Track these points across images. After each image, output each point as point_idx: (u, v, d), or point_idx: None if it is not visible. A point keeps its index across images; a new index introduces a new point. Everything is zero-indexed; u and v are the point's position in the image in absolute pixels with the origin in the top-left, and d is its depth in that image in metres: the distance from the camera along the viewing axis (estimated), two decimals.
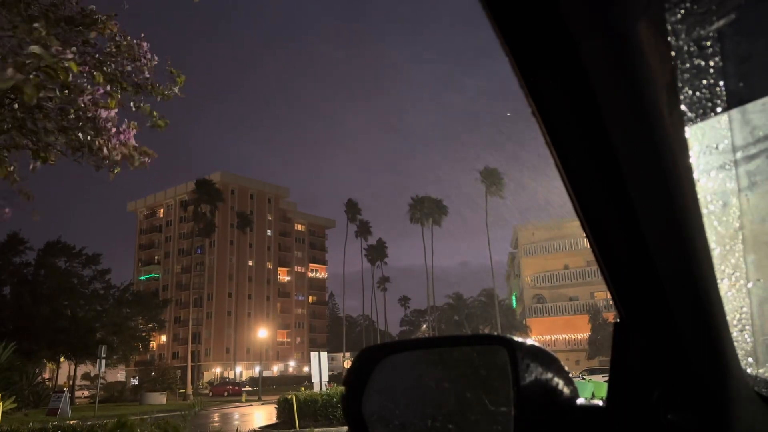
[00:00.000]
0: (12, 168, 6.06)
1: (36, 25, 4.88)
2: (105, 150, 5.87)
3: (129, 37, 5.91)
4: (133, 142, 6.09)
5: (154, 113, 6.35)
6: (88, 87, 5.60)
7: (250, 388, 67.42)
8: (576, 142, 0.61)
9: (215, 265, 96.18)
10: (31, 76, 4.63)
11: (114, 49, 5.88)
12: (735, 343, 0.77)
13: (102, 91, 5.67)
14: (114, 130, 5.88)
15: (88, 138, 5.73)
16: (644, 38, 0.55)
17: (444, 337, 1.11)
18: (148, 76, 6.05)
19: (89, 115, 5.69)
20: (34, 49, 4.64)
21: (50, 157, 5.79)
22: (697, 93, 0.74)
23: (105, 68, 5.77)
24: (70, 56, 5.03)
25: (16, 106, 5.27)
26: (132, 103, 6.20)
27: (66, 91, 5.45)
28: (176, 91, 6.30)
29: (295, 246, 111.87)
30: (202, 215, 74.26)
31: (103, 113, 5.71)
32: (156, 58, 6.10)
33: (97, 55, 5.78)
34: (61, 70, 4.84)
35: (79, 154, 5.96)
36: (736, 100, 0.79)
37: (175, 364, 78.44)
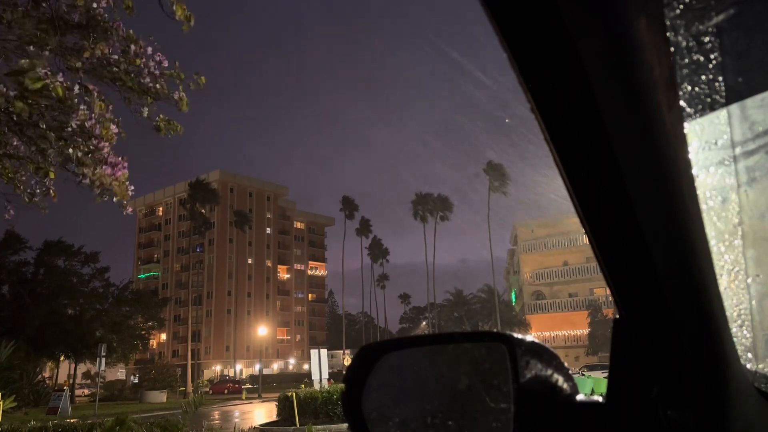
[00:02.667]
0: (13, 175, 6.08)
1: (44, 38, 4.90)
2: (91, 174, 5.86)
3: (135, 37, 5.83)
4: (125, 178, 6.08)
5: (161, 118, 6.30)
6: (85, 111, 5.57)
7: (250, 386, 67.50)
8: (575, 139, 0.61)
9: (215, 264, 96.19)
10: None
11: (122, 52, 5.83)
12: (734, 339, 0.77)
13: (93, 120, 5.64)
14: (106, 149, 5.87)
15: (79, 154, 5.73)
16: (643, 34, 0.55)
17: (443, 334, 1.11)
18: (158, 72, 5.97)
19: (85, 131, 5.68)
20: (24, 63, 4.65)
21: (50, 174, 5.81)
22: (696, 89, 0.74)
23: (114, 68, 5.71)
24: (60, 79, 5.04)
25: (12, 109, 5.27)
26: (144, 109, 6.14)
27: (62, 106, 5.44)
28: (185, 99, 6.23)
29: (295, 244, 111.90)
30: (199, 214, 74.34)
31: (97, 130, 5.69)
32: (165, 59, 6.02)
33: (105, 63, 5.73)
34: (54, 90, 4.86)
35: (72, 166, 5.96)
36: (735, 95, 0.79)
37: (175, 363, 78.54)
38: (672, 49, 0.65)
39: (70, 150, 5.67)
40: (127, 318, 53.20)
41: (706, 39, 0.73)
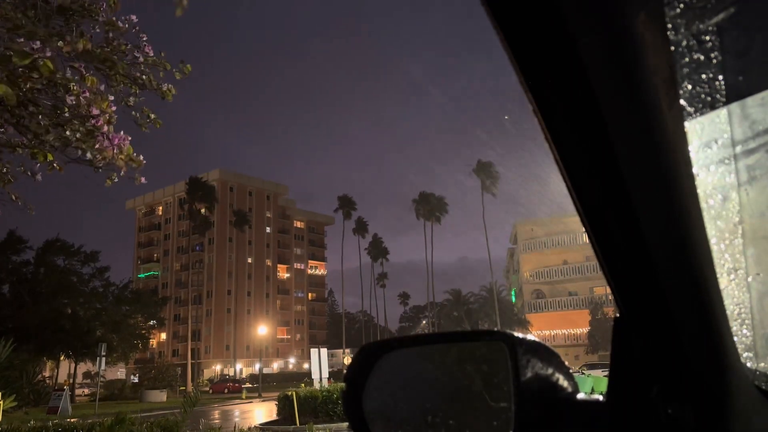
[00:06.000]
0: (6, 170, 6.05)
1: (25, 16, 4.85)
2: (89, 154, 5.82)
3: (119, 22, 5.77)
4: (127, 148, 6.02)
5: (146, 110, 6.26)
6: (75, 87, 5.53)
7: (250, 385, 67.56)
8: (575, 138, 0.61)
9: (214, 263, 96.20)
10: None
11: (105, 40, 5.77)
12: (734, 338, 0.77)
13: (88, 93, 5.60)
14: (106, 128, 5.82)
15: (77, 136, 5.68)
16: (643, 33, 0.55)
17: (444, 333, 1.11)
18: (141, 60, 5.92)
19: (82, 113, 5.64)
20: (13, 46, 4.62)
21: (49, 156, 5.75)
22: (697, 87, 0.74)
23: (97, 50, 5.65)
24: (48, 54, 4.99)
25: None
26: (130, 98, 6.09)
27: (54, 89, 5.40)
28: (171, 91, 6.18)
29: (294, 243, 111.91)
30: (197, 213, 74.39)
31: (94, 110, 5.65)
32: (150, 49, 5.96)
33: (91, 48, 5.67)
34: (43, 66, 4.81)
35: (71, 151, 5.92)
36: (735, 94, 0.79)
37: (175, 362, 78.63)
38: (672, 47, 0.65)
39: (68, 132, 5.62)
40: (127, 317, 53.18)
41: (707, 38, 0.73)
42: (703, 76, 0.74)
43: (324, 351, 25.07)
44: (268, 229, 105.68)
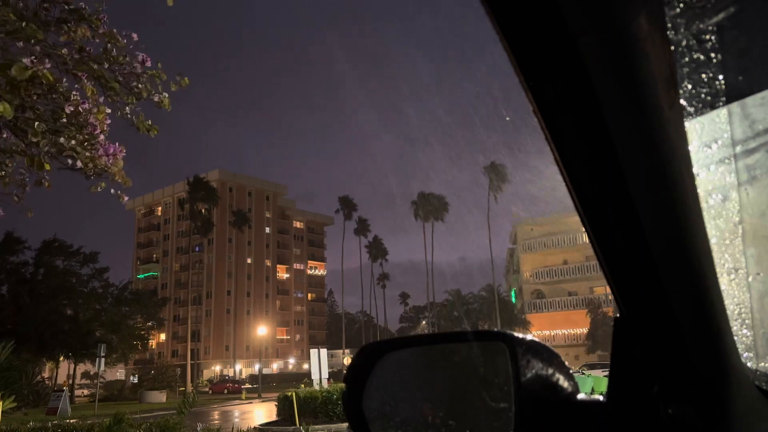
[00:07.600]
0: (3, 173, 6.04)
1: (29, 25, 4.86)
2: (79, 162, 5.82)
3: (117, 35, 5.79)
4: (120, 161, 6.02)
5: (141, 118, 6.25)
6: (77, 96, 5.53)
7: (249, 386, 67.55)
8: (575, 138, 0.61)
9: (214, 263, 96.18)
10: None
11: (104, 50, 5.79)
12: (735, 337, 0.77)
13: (87, 105, 5.60)
14: (102, 138, 5.82)
15: (72, 142, 5.68)
16: (643, 32, 0.55)
17: (444, 333, 1.11)
18: (140, 71, 5.93)
19: (80, 120, 5.64)
20: (13, 59, 4.63)
21: (46, 165, 5.75)
22: (697, 87, 0.74)
23: (94, 65, 5.66)
24: (48, 65, 5.01)
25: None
26: (126, 108, 6.10)
27: (54, 95, 5.40)
28: (167, 99, 6.19)
29: (294, 243, 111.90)
30: (198, 213, 74.36)
31: (92, 119, 5.65)
32: (148, 59, 5.99)
33: (87, 59, 5.67)
34: (43, 77, 4.83)
35: (64, 158, 5.92)
36: (735, 94, 0.79)
37: (174, 363, 78.65)
38: (672, 47, 0.65)
39: (62, 140, 5.61)
40: (127, 318, 53.16)
41: (707, 37, 0.73)
42: (703, 75, 0.74)
43: (324, 351, 25.05)
44: (267, 230, 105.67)
